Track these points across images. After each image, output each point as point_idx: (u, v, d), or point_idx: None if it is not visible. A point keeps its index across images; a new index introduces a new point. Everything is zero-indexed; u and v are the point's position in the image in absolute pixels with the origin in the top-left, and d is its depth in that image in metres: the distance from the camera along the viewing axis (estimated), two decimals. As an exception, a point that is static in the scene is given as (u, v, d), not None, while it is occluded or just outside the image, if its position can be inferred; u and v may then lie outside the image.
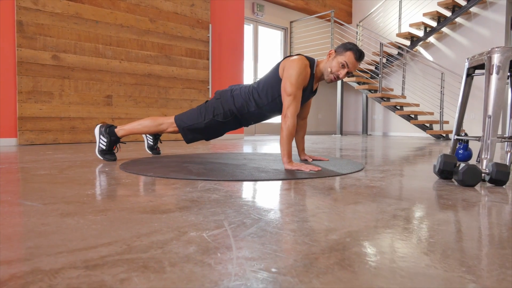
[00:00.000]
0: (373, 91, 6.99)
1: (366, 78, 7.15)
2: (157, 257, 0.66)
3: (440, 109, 6.09)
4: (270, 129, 7.45)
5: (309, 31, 7.71)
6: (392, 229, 0.85)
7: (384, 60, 7.50)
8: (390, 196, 1.23)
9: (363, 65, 7.66)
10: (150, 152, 2.66)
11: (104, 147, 2.20)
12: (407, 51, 6.95)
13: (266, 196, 1.21)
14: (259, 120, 2.17)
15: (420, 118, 6.89)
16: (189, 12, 4.71)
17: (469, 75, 1.84)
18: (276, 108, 2.05)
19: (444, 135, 6.10)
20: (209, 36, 4.90)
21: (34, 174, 1.67)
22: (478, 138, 1.65)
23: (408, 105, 6.63)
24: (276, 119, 7.60)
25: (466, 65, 1.83)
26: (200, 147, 3.38)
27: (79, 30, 3.83)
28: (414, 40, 7.07)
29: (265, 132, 7.31)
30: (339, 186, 1.41)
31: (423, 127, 6.30)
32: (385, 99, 6.89)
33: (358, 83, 7.09)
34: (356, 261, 0.65)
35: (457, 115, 1.87)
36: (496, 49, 1.58)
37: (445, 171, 1.51)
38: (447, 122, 6.42)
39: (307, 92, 2.03)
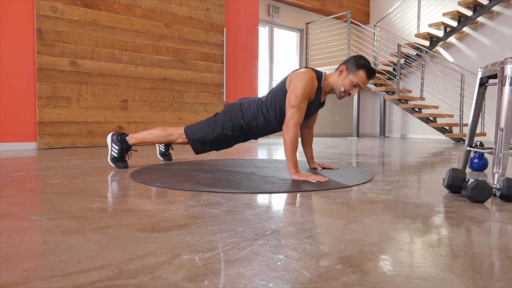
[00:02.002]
0: (390, 93, 6.88)
1: (383, 79, 7.04)
2: (145, 283, 0.67)
3: (460, 112, 5.93)
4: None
5: (326, 32, 7.65)
6: (387, 254, 0.84)
7: (402, 61, 7.37)
8: (392, 214, 1.21)
9: (380, 66, 7.54)
10: (162, 159, 2.70)
11: (116, 155, 2.25)
12: (426, 52, 6.79)
13: (266, 212, 1.21)
14: (268, 133, 2.17)
15: (439, 120, 6.73)
16: (203, 17, 4.75)
17: (482, 85, 1.79)
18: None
19: (464, 138, 5.94)
20: (223, 40, 4.92)
21: (47, 183, 1.73)
22: (490, 151, 1.60)
23: (427, 107, 6.49)
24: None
25: (479, 74, 1.78)
26: (212, 152, 3.41)
27: (96, 37, 3.92)
28: (434, 40, 6.92)
29: (280, 135, 7.29)
30: (342, 201, 1.40)
31: (442, 130, 6.16)
32: (403, 101, 6.77)
33: (375, 84, 6.99)
34: (342, 293, 0.64)
35: (469, 125, 1.82)
36: (510, 59, 1.53)
37: (454, 186, 1.47)
38: (467, 125, 6.24)
39: (315, 104, 2.01)
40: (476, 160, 2.32)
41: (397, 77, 6.53)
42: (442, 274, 0.73)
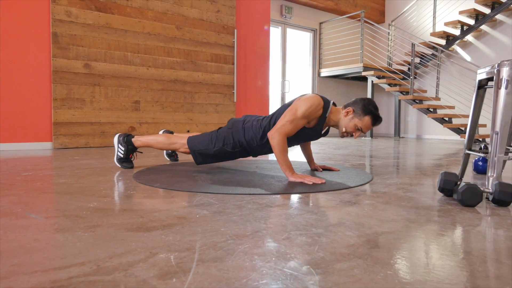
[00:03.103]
0: (405, 93, 6.78)
1: (396, 79, 6.94)
2: (117, 280, 0.72)
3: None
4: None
5: (339, 32, 7.60)
6: (352, 261, 0.86)
7: (418, 61, 7.26)
8: (377, 217, 1.22)
9: (394, 66, 7.45)
10: (168, 159, 2.77)
11: (121, 155, 2.32)
12: (442, 51, 6.67)
13: (253, 214, 1.25)
14: (269, 152, 2.18)
15: (455, 121, 6.60)
16: (214, 19, 4.81)
17: (481, 87, 1.77)
18: (288, 141, 2.05)
19: (480, 139, 5.81)
20: (234, 41, 4.97)
21: (53, 182, 1.81)
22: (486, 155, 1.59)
23: (442, 107, 6.38)
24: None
25: (478, 76, 1.76)
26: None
27: (109, 40, 4.03)
28: (450, 39, 6.78)
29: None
30: (333, 203, 1.42)
31: (457, 130, 6.03)
32: (418, 101, 6.66)
33: (390, 84, 6.90)
34: (299, 293, 0.67)
35: (468, 128, 1.80)
36: (506, 62, 1.52)
37: (445, 189, 1.47)
38: (484, 126, 6.11)
39: (313, 131, 2.00)
40: (480, 163, 2.28)
41: (411, 77, 6.43)
42: (399, 281, 0.75)
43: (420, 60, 7.17)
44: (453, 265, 0.82)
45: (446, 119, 6.25)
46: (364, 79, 7.62)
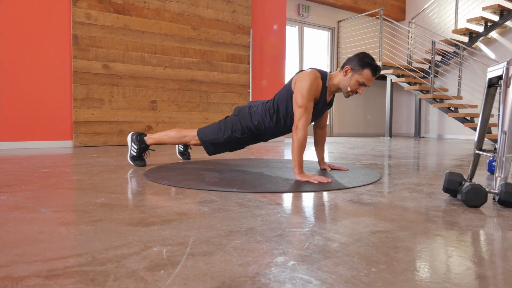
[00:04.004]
0: (425, 92, 6.64)
1: (416, 77, 6.80)
2: (109, 270, 0.76)
3: (499, 111, 5.60)
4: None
5: (358, 30, 7.51)
6: (339, 258, 0.87)
7: (439, 59, 7.08)
8: (374, 217, 1.22)
9: (414, 64, 7.30)
10: (181, 158, 2.83)
11: (134, 154, 2.39)
12: (464, 49, 6.49)
13: (252, 211, 1.27)
14: (278, 135, 2.21)
15: (477, 120, 6.40)
16: (230, 19, 4.85)
17: (491, 86, 1.73)
18: (292, 122, 2.07)
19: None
20: (250, 41, 5.01)
21: (67, 179, 1.89)
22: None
23: (463, 106, 6.20)
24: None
25: (488, 75, 1.72)
26: (238, 151, 3.49)
27: (127, 41, 4.14)
28: (473, 36, 6.59)
29: (311, 134, 7.26)
30: (333, 202, 1.43)
31: (479, 130, 5.85)
32: (438, 100, 6.51)
33: (409, 83, 6.77)
34: None
35: (478, 127, 1.76)
36: (515, 59, 1.48)
37: (450, 190, 1.45)
38: (496, 126, 5.90)
39: (321, 104, 2.03)
40: (494, 163, 2.22)
41: (431, 75, 6.29)
42: (396, 279, 0.75)
43: (442, 58, 7.00)
44: (440, 265, 0.82)
45: (468, 118, 6.08)
46: (383, 77, 7.51)
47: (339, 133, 7.75)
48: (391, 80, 6.78)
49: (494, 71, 1.67)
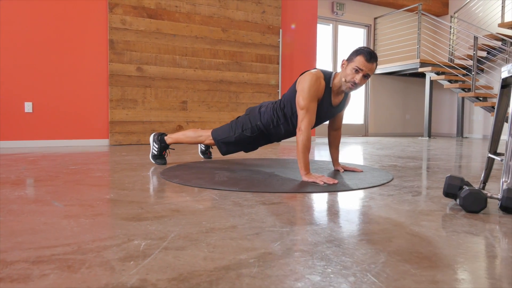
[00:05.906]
0: (467, 90, 6.31)
1: (458, 75, 6.47)
2: (86, 259, 0.85)
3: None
4: (350, 130, 7.26)
5: (396, 27, 7.28)
6: (301, 257, 0.90)
7: (484, 55, 6.69)
8: (364, 219, 1.23)
9: (456, 61, 6.94)
10: (202, 157, 2.94)
11: (155, 152, 2.53)
12: (511, 44, 6.08)
13: (244, 209, 1.32)
14: (288, 135, 2.23)
15: (526, 120, 5.97)
16: (259, 19, 4.91)
17: (505, 86, 1.65)
18: None
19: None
20: (279, 41, 5.04)
21: (90, 175, 2.05)
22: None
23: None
24: (358, 120, 7.37)
25: (502, 74, 1.64)
26: (261, 151, 3.56)
27: (159, 44, 4.33)
28: (522, 30, 6.16)
29: (345, 134, 7.15)
30: (330, 203, 1.44)
31: (527, 130, 5.46)
32: (482, 99, 6.16)
33: (450, 81, 6.47)
34: None
35: (492, 130, 1.69)
36: (526, 59, 1.41)
37: (450, 194, 1.41)
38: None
39: (325, 105, 2.03)
40: (520, 167, 2.10)
41: (473, 72, 5.96)
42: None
43: (487, 54, 6.61)
44: (407, 269, 0.83)
45: (514, 118, 5.69)
46: (423, 75, 7.22)
47: (375, 133, 7.56)
48: (430, 78, 6.51)
49: (507, 71, 1.59)
